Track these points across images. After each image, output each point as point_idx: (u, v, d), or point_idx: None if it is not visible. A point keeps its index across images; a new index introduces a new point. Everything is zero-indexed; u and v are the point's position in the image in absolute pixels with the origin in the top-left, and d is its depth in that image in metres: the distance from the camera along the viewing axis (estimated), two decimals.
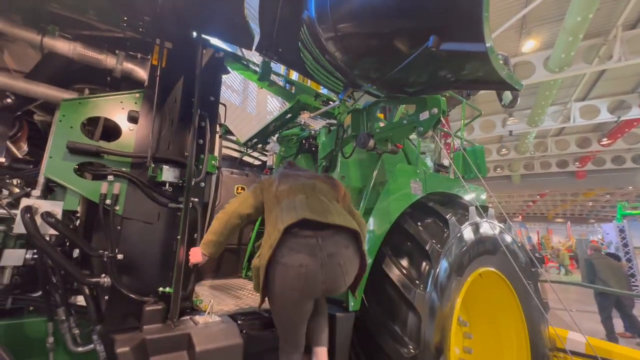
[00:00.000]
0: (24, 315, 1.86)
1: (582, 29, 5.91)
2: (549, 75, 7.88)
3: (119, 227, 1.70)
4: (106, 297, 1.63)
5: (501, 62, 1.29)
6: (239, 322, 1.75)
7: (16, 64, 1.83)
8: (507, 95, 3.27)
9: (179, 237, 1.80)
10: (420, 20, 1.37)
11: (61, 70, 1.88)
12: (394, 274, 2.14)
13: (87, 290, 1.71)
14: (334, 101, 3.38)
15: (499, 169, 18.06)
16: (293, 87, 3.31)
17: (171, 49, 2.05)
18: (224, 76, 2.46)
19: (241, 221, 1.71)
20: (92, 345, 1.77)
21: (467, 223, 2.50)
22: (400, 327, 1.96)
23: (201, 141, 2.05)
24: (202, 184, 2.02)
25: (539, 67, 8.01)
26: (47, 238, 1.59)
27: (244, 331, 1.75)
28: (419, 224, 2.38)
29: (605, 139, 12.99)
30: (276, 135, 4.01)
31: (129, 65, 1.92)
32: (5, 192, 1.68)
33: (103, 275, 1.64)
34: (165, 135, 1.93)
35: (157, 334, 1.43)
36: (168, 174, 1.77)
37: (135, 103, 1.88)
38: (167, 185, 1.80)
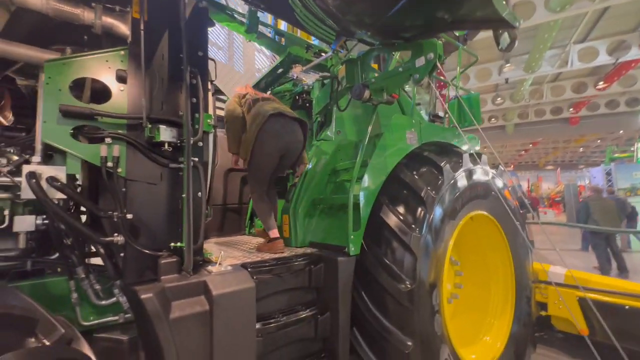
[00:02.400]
0: (45, 276, 1.98)
1: None
2: (549, 15, 7.52)
3: (124, 189, 1.73)
4: (122, 255, 1.72)
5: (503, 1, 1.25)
6: (249, 269, 1.89)
7: None
8: (505, 38, 3.16)
9: (184, 195, 1.85)
10: None
11: (37, 29, 1.78)
12: (392, 220, 2.26)
13: (102, 250, 1.81)
14: (326, 52, 3.25)
15: (493, 119, 18.00)
16: (283, 39, 3.16)
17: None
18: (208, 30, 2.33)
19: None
20: (114, 298, 1.92)
21: (460, 170, 2.58)
22: (397, 266, 2.13)
23: (194, 99, 2.01)
24: (200, 143, 2.03)
25: (539, 7, 7.61)
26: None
27: (255, 277, 1.89)
28: (415, 172, 2.46)
29: (601, 83, 12.83)
30: (268, 92, 3.91)
31: (108, 20, 1.81)
32: (3, 160, 1.68)
33: (116, 234, 1.72)
34: (157, 95, 1.89)
35: (176, 282, 1.56)
36: (166, 134, 1.77)
37: (122, 61, 1.80)
38: (167, 145, 1.80)
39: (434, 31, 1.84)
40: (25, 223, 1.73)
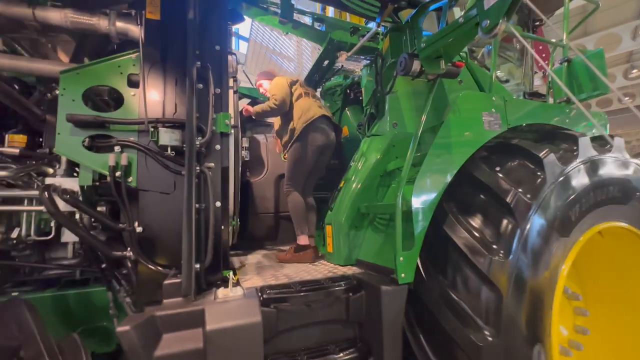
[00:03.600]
0: (89, 285, 2.04)
1: None
2: None
3: (136, 200, 1.62)
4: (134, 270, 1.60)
5: None
6: (264, 296, 1.54)
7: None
8: None
9: (196, 205, 1.64)
10: None
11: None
12: (461, 237, 1.61)
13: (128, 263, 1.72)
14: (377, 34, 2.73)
15: (628, 98, 13.76)
16: (324, 25, 2.77)
17: None
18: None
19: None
20: None
21: (576, 162, 1.73)
22: (470, 306, 1.47)
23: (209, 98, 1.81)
24: (218, 147, 1.81)
25: None
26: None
27: (272, 306, 1.54)
28: (498, 169, 1.74)
29: None
30: (318, 90, 3.59)
31: (123, 25, 1.75)
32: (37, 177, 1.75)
33: (129, 248, 1.60)
34: (170, 97, 1.74)
35: (168, 310, 1.32)
36: (166, 137, 1.59)
37: (134, 65, 1.72)
38: (169, 149, 1.62)
39: None
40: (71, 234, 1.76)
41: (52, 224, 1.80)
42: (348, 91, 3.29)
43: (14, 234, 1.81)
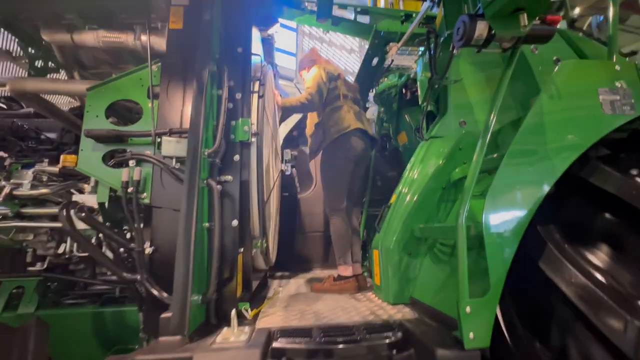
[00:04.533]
0: (124, 304, 2.01)
1: None
2: None
3: (148, 217, 1.49)
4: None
5: None
6: (274, 344, 1.19)
7: None
8: None
9: (205, 224, 1.43)
10: None
11: None
12: (571, 281, 1.00)
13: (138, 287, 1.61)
14: (430, 20, 2.23)
15: None
16: (367, 17, 2.41)
17: (188, 5, 1.72)
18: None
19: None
20: None
21: None
22: None
23: (231, 104, 1.63)
24: (237, 157, 1.60)
25: None
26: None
27: (285, 358, 1.18)
28: (635, 172, 1.08)
29: None
30: (371, 95, 3.20)
31: (146, 38, 1.72)
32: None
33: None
34: (188, 106, 1.61)
35: (150, 355, 1.08)
36: (169, 147, 1.42)
37: (154, 77, 1.65)
38: (174, 161, 1.45)
39: None
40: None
41: (93, 240, 1.82)
42: (404, 91, 2.82)
43: (61, 250, 1.89)
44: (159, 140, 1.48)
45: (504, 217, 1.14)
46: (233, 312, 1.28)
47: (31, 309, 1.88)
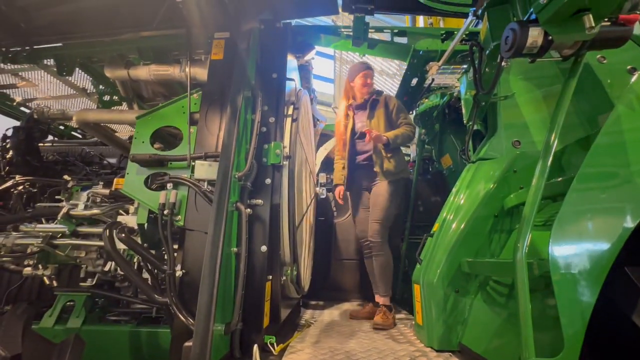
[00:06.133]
0: (159, 325, 2.02)
1: None
2: None
3: (182, 240, 1.50)
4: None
5: None
6: None
7: None
8: None
9: (233, 249, 1.39)
10: None
11: None
12: None
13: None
14: (473, 36, 2.10)
15: None
16: (405, 39, 2.34)
17: (228, 38, 1.82)
18: None
19: None
20: None
21: None
22: None
23: (264, 128, 1.64)
24: (268, 180, 1.57)
25: None
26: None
27: None
28: None
29: None
30: (411, 113, 3.07)
31: (191, 69, 1.84)
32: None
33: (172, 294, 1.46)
34: (224, 132, 1.66)
35: None
36: (201, 170, 1.44)
37: (195, 104, 1.73)
38: (206, 184, 1.46)
39: None
40: None
41: (136, 259, 1.89)
42: (446, 111, 2.66)
43: (107, 267, 1.99)
44: (193, 164, 1.52)
45: (578, 253, 0.93)
46: (255, 347, 1.18)
47: (78, 324, 1.97)
